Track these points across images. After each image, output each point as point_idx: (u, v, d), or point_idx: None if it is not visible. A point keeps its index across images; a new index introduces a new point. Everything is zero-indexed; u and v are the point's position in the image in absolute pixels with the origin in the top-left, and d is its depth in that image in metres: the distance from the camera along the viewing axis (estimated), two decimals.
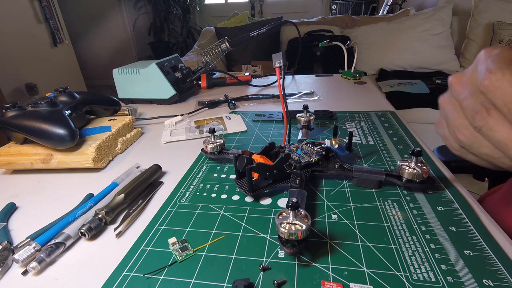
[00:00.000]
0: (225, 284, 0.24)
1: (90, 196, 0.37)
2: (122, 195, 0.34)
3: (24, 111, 0.44)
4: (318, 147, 0.38)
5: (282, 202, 0.34)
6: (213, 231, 0.30)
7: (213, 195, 0.36)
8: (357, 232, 0.29)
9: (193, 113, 0.66)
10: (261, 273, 0.25)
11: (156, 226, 0.31)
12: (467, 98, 0.24)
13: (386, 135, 0.49)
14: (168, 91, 0.72)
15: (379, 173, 0.34)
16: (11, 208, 0.36)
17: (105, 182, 0.41)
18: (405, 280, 0.24)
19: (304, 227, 0.24)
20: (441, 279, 0.23)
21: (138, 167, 0.43)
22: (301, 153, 0.38)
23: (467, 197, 0.33)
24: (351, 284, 0.24)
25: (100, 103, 0.54)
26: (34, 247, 0.28)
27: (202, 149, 0.45)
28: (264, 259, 0.27)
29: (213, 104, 0.69)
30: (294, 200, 0.25)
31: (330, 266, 0.25)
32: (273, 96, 0.72)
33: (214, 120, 0.60)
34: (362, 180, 0.35)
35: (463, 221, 0.29)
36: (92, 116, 0.55)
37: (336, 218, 0.31)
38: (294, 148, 0.39)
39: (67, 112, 0.45)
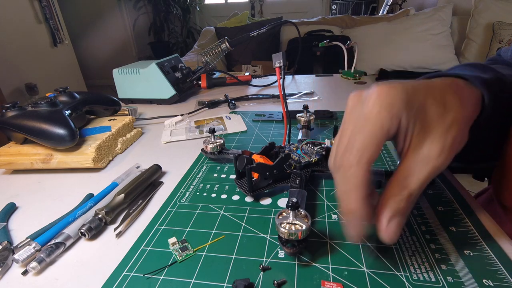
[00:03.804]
0: (225, 284, 0.24)
1: (90, 196, 0.37)
2: (122, 195, 0.34)
3: (24, 111, 0.44)
4: (318, 147, 0.38)
5: (282, 202, 0.34)
6: (213, 231, 0.30)
7: (213, 195, 0.36)
8: None
9: (193, 113, 0.66)
10: (261, 273, 0.25)
11: (156, 226, 0.31)
12: None
13: None
14: (168, 91, 0.72)
15: (379, 173, 0.34)
16: (11, 208, 0.36)
17: (105, 182, 0.41)
18: (405, 280, 0.24)
19: (304, 227, 0.24)
20: (441, 279, 0.23)
21: (138, 167, 0.43)
22: (301, 153, 0.38)
23: (467, 197, 0.33)
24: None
25: (100, 103, 0.54)
26: (34, 247, 0.28)
27: (202, 149, 0.45)
28: (264, 259, 0.27)
29: (213, 104, 0.69)
30: (294, 200, 0.25)
31: (330, 266, 0.25)
32: (273, 96, 0.72)
33: (214, 120, 0.60)
34: None
35: (463, 221, 0.29)
36: (92, 116, 0.55)
37: (336, 218, 0.31)
38: (294, 148, 0.39)
39: (67, 112, 0.45)
